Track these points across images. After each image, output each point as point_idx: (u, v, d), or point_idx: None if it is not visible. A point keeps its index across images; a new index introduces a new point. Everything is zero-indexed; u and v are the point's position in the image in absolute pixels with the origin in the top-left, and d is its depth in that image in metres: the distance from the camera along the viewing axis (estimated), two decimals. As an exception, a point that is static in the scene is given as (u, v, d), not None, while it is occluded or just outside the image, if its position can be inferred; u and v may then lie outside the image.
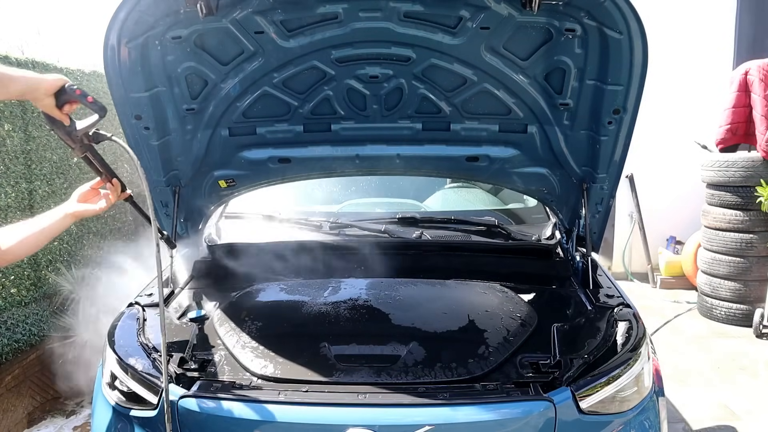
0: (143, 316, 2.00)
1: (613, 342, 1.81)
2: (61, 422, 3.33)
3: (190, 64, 2.03)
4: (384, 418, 1.55)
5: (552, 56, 1.98)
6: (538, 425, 1.56)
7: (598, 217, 2.43)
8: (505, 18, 1.86)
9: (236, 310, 2.11)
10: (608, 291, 2.20)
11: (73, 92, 1.45)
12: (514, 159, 2.38)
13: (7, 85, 1.37)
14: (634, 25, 1.81)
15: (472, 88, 2.13)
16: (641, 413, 1.72)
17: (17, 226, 1.75)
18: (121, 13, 1.79)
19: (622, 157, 2.19)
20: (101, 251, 4.47)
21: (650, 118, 4.12)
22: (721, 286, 4.88)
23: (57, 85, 1.44)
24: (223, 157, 2.38)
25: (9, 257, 1.71)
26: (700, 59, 5.83)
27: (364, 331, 2.02)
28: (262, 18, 1.88)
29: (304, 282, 2.39)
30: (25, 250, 1.74)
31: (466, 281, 2.35)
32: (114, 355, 1.81)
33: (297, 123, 2.29)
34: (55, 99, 1.45)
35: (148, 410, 1.66)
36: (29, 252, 1.77)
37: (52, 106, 1.46)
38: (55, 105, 1.46)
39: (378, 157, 2.43)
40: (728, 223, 4.79)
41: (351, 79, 2.12)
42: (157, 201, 2.39)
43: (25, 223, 1.75)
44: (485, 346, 1.83)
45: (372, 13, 1.88)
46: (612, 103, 2.03)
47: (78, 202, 1.76)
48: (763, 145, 4.57)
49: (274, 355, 1.81)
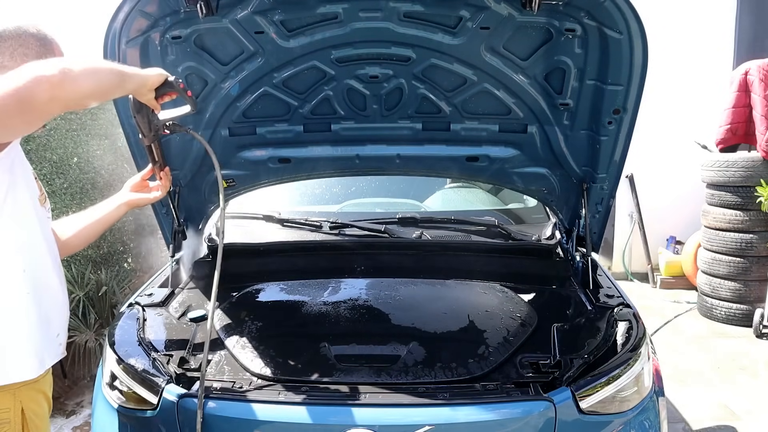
0: (143, 316, 2.00)
1: (613, 342, 1.81)
2: (61, 422, 3.33)
3: (190, 64, 2.03)
4: (384, 418, 1.55)
5: (552, 56, 1.98)
6: (538, 425, 1.56)
7: (598, 217, 2.43)
8: (505, 18, 1.86)
9: (236, 310, 2.11)
10: (608, 291, 2.19)
11: (178, 85, 1.53)
12: (514, 159, 2.37)
13: (124, 85, 1.39)
14: (634, 25, 1.81)
15: (472, 88, 2.13)
16: (641, 413, 1.72)
17: (74, 217, 1.83)
18: (121, 13, 1.79)
19: (622, 157, 2.19)
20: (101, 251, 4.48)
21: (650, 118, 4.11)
22: (721, 286, 4.88)
23: (161, 80, 1.50)
24: (223, 157, 2.37)
25: (69, 248, 1.79)
26: (700, 59, 5.83)
27: (364, 331, 2.03)
28: (262, 18, 1.88)
29: (304, 282, 2.39)
30: (83, 240, 1.82)
31: (466, 281, 2.36)
32: (114, 355, 1.81)
33: (297, 123, 2.29)
34: (155, 92, 1.50)
35: (148, 410, 1.66)
36: (87, 242, 1.85)
37: (152, 98, 1.51)
38: (154, 97, 1.51)
39: (378, 157, 2.43)
40: (728, 223, 4.79)
41: (351, 79, 2.12)
42: (157, 201, 2.39)
43: (81, 214, 1.83)
44: (485, 346, 1.84)
45: (372, 13, 1.87)
46: (612, 103, 2.03)
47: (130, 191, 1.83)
48: (763, 145, 4.57)
49: (274, 355, 1.81)
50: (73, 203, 4.09)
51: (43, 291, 1.48)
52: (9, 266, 1.40)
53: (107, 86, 1.34)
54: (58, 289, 1.56)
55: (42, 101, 1.17)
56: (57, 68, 1.18)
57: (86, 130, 4.43)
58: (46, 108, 1.20)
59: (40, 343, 1.48)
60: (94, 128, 4.55)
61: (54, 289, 1.54)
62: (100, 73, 1.30)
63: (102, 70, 1.32)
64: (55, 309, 1.54)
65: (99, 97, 1.36)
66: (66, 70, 1.19)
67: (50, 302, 1.52)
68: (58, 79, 1.17)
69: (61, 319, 1.58)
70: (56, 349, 1.56)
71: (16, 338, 1.42)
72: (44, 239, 1.51)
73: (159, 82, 1.49)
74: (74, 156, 4.18)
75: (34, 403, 1.51)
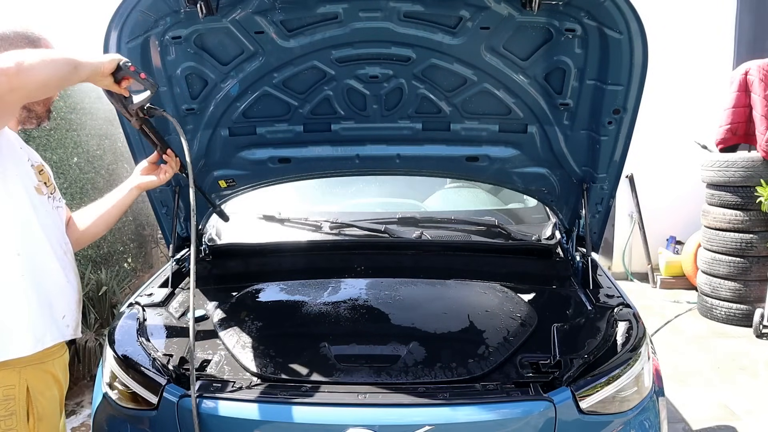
0: (143, 316, 2.00)
1: (613, 342, 1.81)
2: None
3: (190, 64, 2.03)
4: (384, 418, 1.55)
5: (552, 56, 1.98)
6: (538, 425, 1.56)
7: (598, 217, 2.43)
8: (505, 18, 1.86)
9: (236, 310, 2.11)
10: (608, 291, 2.19)
11: (128, 69, 1.54)
12: (514, 159, 2.37)
13: (78, 72, 1.45)
14: (634, 25, 1.81)
15: (472, 88, 2.13)
16: (641, 413, 1.72)
17: (90, 207, 1.94)
18: (121, 13, 1.79)
19: (622, 157, 2.19)
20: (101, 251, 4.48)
21: (650, 118, 4.12)
22: (721, 286, 4.88)
23: (114, 65, 1.52)
24: (223, 157, 2.38)
25: (88, 237, 1.91)
26: (700, 59, 5.83)
27: (364, 331, 2.03)
28: (262, 18, 1.88)
29: (304, 282, 2.39)
30: (102, 227, 1.93)
31: (466, 281, 2.35)
32: (114, 355, 1.81)
33: (297, 123, 2.29)
34: (112, 77, 1.53)
35: (149, 410, 1.66)
36: (106, 228, 1.96)
37: (111, 84, 1.54)
38: (113, 82, 1.54)
39: (378, 157, 2.43)
40: (728, 223, 4.79)
41: (351, 79, 2.11)
42: (157, 201, 2.40)
43: (97, 203, 1.94)
44: (485, 346, 1.84)
45: (372, 13, 1.87)
46: (612, 103, 2.03)
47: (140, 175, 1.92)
48: (763, 145, 4.57)
49: (274, 355, 1.81)
50: (73, 203, 4.09)
51: (41, 274, 1.56)
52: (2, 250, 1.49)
53: (63, 74, 1.40)
54: (59, 273, 1.63)
55: (3, 92, 1.28)
56: (13, 61, 1.28)
57: (86, 130, 4.43)
58: (9, 98, 1.31)
59: (39, 322, 1.55)
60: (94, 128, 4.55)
61: (54, 273, 1.61)
62: (56, 62, 1.38)
63: (57, 60, 1.39)
64: (56, 291, 1.61)
65: (57, 84, 1.46)
66: (20, 62, 1.28)
67: (50, 285, 1.59)
68: (14, 71, 1.27)
69: (64, 301, 1.65)
70: (62, 330, 1.63)
71: (12, 317, 1.50)
72: (40, 225, 1.58)
73: (112, 67, 1.52)
74: (74, 156, 4.19)
75: (41, 383, 1.58)
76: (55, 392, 1.64)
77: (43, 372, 1.58)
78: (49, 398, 1.61)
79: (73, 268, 1.73)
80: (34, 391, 1.55)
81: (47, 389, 1.60)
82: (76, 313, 1.71)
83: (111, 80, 1.54)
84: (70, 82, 1.50)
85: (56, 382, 1.64)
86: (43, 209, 1.62)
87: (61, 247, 1.67)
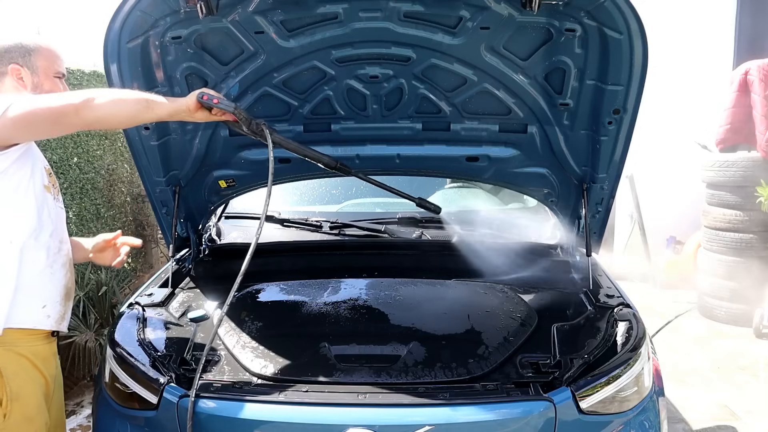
0: (143, 316, 2.00)
1: (613, 342, 1.81)
2: (61, 422, 3.33)
3: (190, 64, 2.03)
4: (384, 418, 1.55)
5: (552, 56, 1.98)
6: (538, 425, 1.56)
7: (598, 217, 2.43)
8: (505, 18, 1.86)
9: (236, 310, 2.10)
10: (608, 291, 2.19)
11: (202, 98, 1.65)
12: (514, 159, 2.37)
13: (153, 109, 1.63)
14: (634, 25, 1.81)
15: (472, 88, 2.13)
16: (641, 413, 1.72)
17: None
18: (121, 13, 1.79)
19: (622, 157, 2.19)
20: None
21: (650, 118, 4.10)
22: (721, 286, 4.88)
23: (193, 101, 1.65)
24: (223, 157, 2.38)
25: None
26: (700, 59, 5.82)
27: (364, 331, 2.03)
28: (262, 18, 1.88)
29: (304, 282, 2.40)
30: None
31: (466, 281, 2.35)
32: (114, 355, 1.81)
33: (297, 123, 2.29)
34: (207, 110, 1.68)
35: (149, 410, 1.66)
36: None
37: (208, 116, 1.70)
38: (209, 115, 1.69)
39: (378, 157, 2.43)
40: (728, 223, 4.78)
41: (351, 79, 2.12)
42: (157, 201, 2.40)
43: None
44: (485, 346, 1.84)
45: (372, 13, 1.87)
46: (612, 103, 2.03)
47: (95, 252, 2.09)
48: (763, 145, 4.57)
49: (274, 355, 1.81)
50: (73, 203, 4.09)
51: (27, 264, 1.67)
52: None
53: (132, 111, 1.62)
54: (44, 265, 1.73)
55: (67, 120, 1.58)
56: (82, 97, 1.55)
57: (86, 130, 4.43)
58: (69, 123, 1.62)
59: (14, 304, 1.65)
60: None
61: (40, 265, 1.72)
62: (126, 101, 1.61)
63: (128, 99, 1.62)
64: (39, 282, 1.72)
65: (125, 120, 1.70)
66: (88, 99, 1.55)
67: (33, 275, 1.70)
68: (81, 105, 1.55)
69: (47, 293, 1.75)
70: (40, 319, 1.73)
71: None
72: (38, 220, 1.70)
73: (194, 102, 1.65)
74: (74, 156, 4.18)
75: (14, 364, 1.67)
76: (35, 376, 1.72)
77: (15, 354, 1.67)
78: (24, 380, 1.68)
79: (65, 264, 1.82)
80: (7, 372, 1.64)
81: (22, 371, 1.68)
82: (60, 307, 1.79)
83: (206, 114, 1.68)
84: (143, 119, 1.69)
85: (35, 368, 1.71)
86: (50, 206, 1.76)
87: (55, 244, 1.77)
